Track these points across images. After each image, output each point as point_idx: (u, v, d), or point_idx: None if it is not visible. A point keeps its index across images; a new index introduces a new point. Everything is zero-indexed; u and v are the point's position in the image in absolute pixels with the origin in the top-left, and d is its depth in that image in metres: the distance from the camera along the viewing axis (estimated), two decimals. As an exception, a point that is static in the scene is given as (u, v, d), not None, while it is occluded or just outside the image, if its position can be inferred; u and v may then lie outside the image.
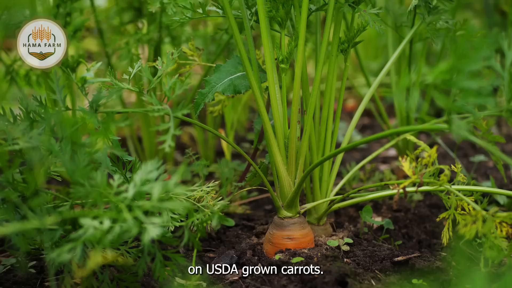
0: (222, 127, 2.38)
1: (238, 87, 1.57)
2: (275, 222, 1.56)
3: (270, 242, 1.56)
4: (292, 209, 1.55)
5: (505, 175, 1.93)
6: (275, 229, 1.56)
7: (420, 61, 2.13)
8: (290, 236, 1.54)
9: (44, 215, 1.23)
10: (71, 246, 1.15)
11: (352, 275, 1.40)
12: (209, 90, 1.57)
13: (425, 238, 1.76)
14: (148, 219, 1.14)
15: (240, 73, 1.60)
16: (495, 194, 1.91)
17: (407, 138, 1.47)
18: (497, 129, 2.82)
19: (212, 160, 2.32)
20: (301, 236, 1.54)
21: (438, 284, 1.46)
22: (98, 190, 1.20)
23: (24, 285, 1.50)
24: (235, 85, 1.57)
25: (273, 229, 1.56)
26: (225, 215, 1.86)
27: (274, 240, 1.55)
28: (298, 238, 1.54)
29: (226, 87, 1.57)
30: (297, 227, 1.55)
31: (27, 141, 1.29)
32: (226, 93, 1.57)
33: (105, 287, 1.38)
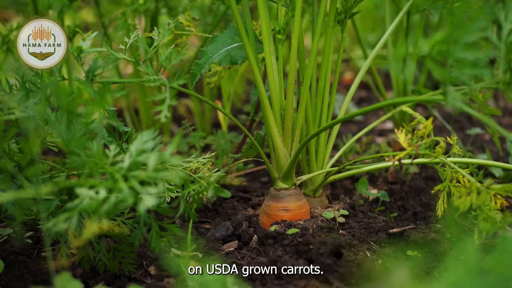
0: (219, 98, 2.38)
1: (235, 58, 1.57)
2: (271, 194, 1.57)
3: (266, 214, 1.56)
4: (288, 181, 1.55)
5: (501, 148, 1.93)
6: (271, 200, 1.56)
7: (418, 33, 2.12)
8: (285, 207, 1.54)
9: (40, 184, 1.24)
10: (67, 216, 1.15)
11: (347, 247, 1.41)
12: (205, 61, 1.57)
13: (421, 210, 1.77)
14: (143, 189, 1.15)
15: (236, 44, 1.59)
16: (491, 167, 1.91)
17: (404, 110, 1.47)
18: (494, 102, 2.82)
19: (209, 132, 2.32)
20: (296, 208, 1.55)
21: (432, 256, 1.46)
22: (94, 160, 1.20)
23: (21, 255, 1.50)
24: (232, 56, 1.57)
25: (269, 200, 1.57)
26: (222, 187, 1.86)
27: (270, 212, 1.55)
28: (293, 210, 1.55)
29: (223, 58, 1.57)
30: (293, 199, 1.55)
31: (23, 110, 1.29)
32: (223, 64, 1.56)
33: (101, 257, 1.39)
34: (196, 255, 1.49)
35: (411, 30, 2.43)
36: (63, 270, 1.37)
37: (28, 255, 1.51)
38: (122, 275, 1.40)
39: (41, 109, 1.27)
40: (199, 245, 1.54)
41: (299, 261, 1.36)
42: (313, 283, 1.33)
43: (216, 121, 2.45)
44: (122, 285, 1.37)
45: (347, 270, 1.35)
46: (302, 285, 1.32)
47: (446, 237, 1.52)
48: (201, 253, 1.50)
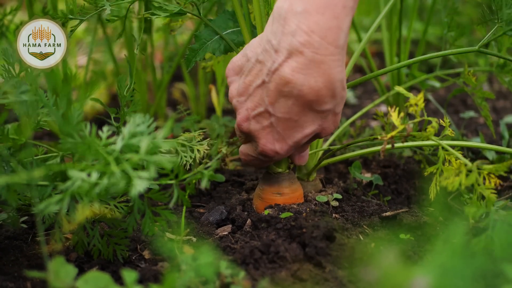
0: (213, 83, 2.38)
1: (229, 44, 1.57)
2: (265, 177, 1.57)
3: (260, 197, 1.56)
4: (282, 164, 1.55)
5: (494, 131, 1.94)
6: (265, 184, 1.56)
7: (412, 16, 2.12)
8: (279, 191, 1.55)
9: (33, 168, 1.24)
10: (59, 198, 1.15)
11: (340, 230, 1.42)
12: (199, 46, 1.56)
13: (414, 193, 1.77)
14: (136, 173, 1.15)
15: (230, 29, 1.59)
16: (484, 150, 1.92)
17: (397, 90, 1.47)
18: (489, 86, 2.83)
19: (204, 116, 2.32)
20: (290, 192, 1.55)
21: (425, 239, 1.47)
22: (87, 142, 1.20)
23: (15, 239, 1.51)
24: (225, 44, 1.57)
25: (263, 184, 1.57)
26: (216, 171, 1.87)
27: (263, 195, 1.56)
28: (287, 194, 1.55)
29: (217, 47, 1.56)
30: (287, 183, 1.55)
31: (17, 96, 1.29)
32: (217, 54, 1.56)
33: (95, 242, 1.39)
34: (190, 239, 1.50)
35: (405, 13, 2.43)
36: (57, 255, 1.37)
37: (23, 240, 1.51)
38: (116, 259, 1.41)
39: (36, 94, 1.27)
40: (193, 229, 1.54)
41: (292, 244, 1.37)
42: (306, 266, 1.34)
43: (211, 105, 2.45)
44: (116, 269, 1.38)
45: (340, 254, 1.36)
46: (295, 268, 1.32)
47: (438, 220, 1.52)
48: (195, 237, 1.51)
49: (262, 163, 1.48)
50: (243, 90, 1.38)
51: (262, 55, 1.33)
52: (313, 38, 1.25)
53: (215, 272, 1.24)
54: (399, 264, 0.96)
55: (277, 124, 1.36)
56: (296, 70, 1.28)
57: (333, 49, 1.26)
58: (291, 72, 1.28)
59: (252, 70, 1.36)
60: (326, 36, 1.25)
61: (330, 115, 1.37)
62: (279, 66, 1.29)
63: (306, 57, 1.26)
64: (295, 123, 1.36)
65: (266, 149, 1.40)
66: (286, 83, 1.30)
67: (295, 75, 1.28)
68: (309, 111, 1.34)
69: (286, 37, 1.27)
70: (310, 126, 1.37)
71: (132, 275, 1.20)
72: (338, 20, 1.24)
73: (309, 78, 1.28)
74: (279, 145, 1.39)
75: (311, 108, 1.33)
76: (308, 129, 1.37)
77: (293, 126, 1.36)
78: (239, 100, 1.40)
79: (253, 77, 1.36)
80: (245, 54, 1.39)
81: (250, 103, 1.38)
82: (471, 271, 0.83)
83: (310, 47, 1.25)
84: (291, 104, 1.32)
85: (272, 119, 1.36)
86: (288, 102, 1.32)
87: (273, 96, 1.33)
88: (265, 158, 1.44)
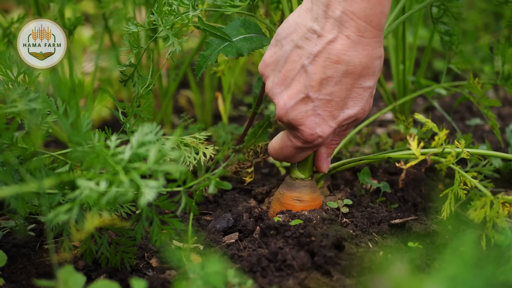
0: (220, 90, 2.39)
1: (241, 50, 1.57)
2: (286, 182, 1.57)
3: (279, 201, 1.56)
4: (305, 171, 1.55)
5: (502, 139, 1.94)
6: (285, 189, 1.56)
7: (418, 23, 2.13)
8: (299, 197, 1.54)
9: (42, 177, 1.24)
10: (68, 207, 1.15)
11: (349, 239, 1.42)
12: (211, 52, 1.57)
13: (421, 201, 1.77)
14: (144, 182, 1.15)
15: (242, 36, 1.60)
16: (491, 157, 1.92)
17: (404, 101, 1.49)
18: (494, 92, 2.83)
19: (209, 123, 2.32)
20: (310, 200, 1.55)
21: (434, 247, 1.47)
22: (95, 151, 1.20)
23: (23, 247, 1.51)
24: (238, 47, 1.57)
25: (283, 188, 1.57)
26: (222, 178, 1.87)
27: (282, 200, 1.55)
28: (307, 201, 1.55)
29: (229, 50, 1.57)
30: (308, 190, 1.55)
31: (26, 104, 1.30)
32: (229, 55, 1.57)
33: (103, 250, 1.40)
34: (197, 247, 1.50)
35: (411, 20, 2.43)
36: (66, 263, 1.38)
37: (31, 248, 1.52)
38: (124, 267, 1.41)
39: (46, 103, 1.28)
40: (200, 237, 1.55)
41: (300, 253, 1.37)
42: (314, 275, 1.34)
43: (217, 112, 2.46)
44: (124, 277, 1.38)
45: (349, 263, 1.36)
46: (302, 277, 1.32)
47: (447, 228, 1.52)
48: (202, 245, 1.51)
49: (300, 152, 1.48)
50: (281, 80, 1.40)
51: (301, 41, 1.36)
52: (359, 23, 1.30)
53: (223, 281, 1.24)
54: (409, 274, 0.97)
55: (319, 107, 1.38)
56: (342, 51, 1.32)
57: (376, 32, 1.33)
58: (336, 53, 1.33)
59: (289, 59, 1.38)
60: (372, 21, 1.31)
61: (369, 95, 1.41)
62: (323, 49, 1.33)
63: (352, 40, 1.32)
64: (337, 104, 1.38)
65: (308, 134, 1.41)
66: (332, 63, 1.33)
67: (340, 56, 1.33)
68: (353, 89, 1.37)
69: (330, 21, 1.32)
70: (353, 107, 1.40)
71: (141, 283, 1.20)
72: (382, 5, 1.31)
73: (354, 59, 1.33)
74: (320, 129, 1.40)
75: (355, 85, 1.37)
76: (351, 109, 1.40)
77: (336, 107, 1.38)
78: (276, 92, 1.41)
79: (292, 65, 1.38)
80: (277, 46, 1.41)
81: (289, 91, 1.39)
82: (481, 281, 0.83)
83: (356, 31, 1.31)
84: (335, 84, 1.35)
85: (314, 103, 1.37)
86: (331, 82, 1.35)
87: (316, 78, 1.35)
88: (307, 145, 1.44)
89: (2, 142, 1.29)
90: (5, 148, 1.30)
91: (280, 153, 1.50)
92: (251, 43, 1.58)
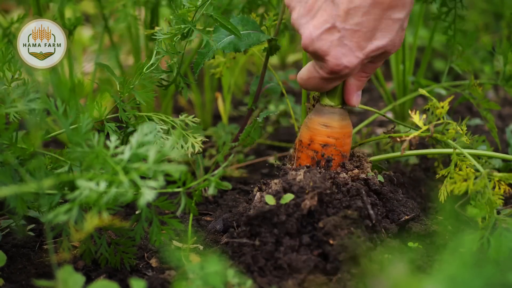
0: (219, 90, 2.39)
1: (238, 46, 1.57)
2: (316, 108, 1.55)
3: (306, 126, 1.55)
4: (334, 99, 1.53)
5: (500, 139, 1.94)
6: (314, 114, 1.55)
7: (418, 23, 2.12)
8: (327, 123, 1.53)
9: (41, 177, 1.24)
10: (68, 207, 1.15)
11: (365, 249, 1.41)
12: (208, 49, 1.57)
13: (420, 201, 1.77)
14: (144, 182, 1.15)
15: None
16: (490, 158, 1.92)
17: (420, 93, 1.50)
18: (495, 93, 2.83)
19: (209, 123, 2.32)
20: (338, 127, 1.53)
21: (434, 248, 1.47)
22: (95, 151, 1.20)
23: (23, 247, 1.51)
24: (235, 43, 1.57)
25: (312, 114, 1.55)
26: (222, 178, 1.87)
27: (310, 124, 1.54)
28: (335, 127, 1.53)
29: (226, 45, 1.57)
30: (337, 117, 1.53)
31: (25, 104, 1.30)
32: (226, 51, 1.57)
33: (103, 250, 1.40)
34: (197, 248, 1.50)
35: (411, 20, 2.43)
36: (65, 263, 1.37)
37: (30, 248, 1.52)
38: (123, 268, 1.41)
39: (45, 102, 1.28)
40: (199, 237, 1.55)
41: (298, 251, 1.37)
42: (314, 275, 1.34)
43: (217, 112, 2.46)
44: (123, 277, 1.38)
45: (350, 263, 1.36)
46: (302, 277, 1.32)
47: (447, 229, 1.52)
48: (202, 246, 1.51)
49: (327, 83, 1.46)
50: (307, 11, 1.38)
51: None
52: None
53: (223, 281, 1.24)
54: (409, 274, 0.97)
55: (346, 37, 1.36)
56: None
57: None
58: None
59: None
60: None
61: (399, 28, 1.38)
62: None
63: None
64: (365, 34, 1.36)
65: (333, 64, 1.39)
66: None
67: None
68: (381, 20, 1.35)
69: None
70: (382, 38, 1.38)
71: (140, 284, 1.20)
72: None
73: None
74: (347, 59, 1.38)
75: (384, 17, 1.35)
76: (380, 41, 1.38)
77: (364, 38, 1.37)
78: (302, 22, 1.40)
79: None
80: None
81: (315, 21, 1.38)
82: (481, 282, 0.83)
83: None
84: (362, 14, 1.34)
85: (341, 33, 1.36)
86: (359, 12, 1.33)
87: (343, 8, 1.34)
88: (333, 75, 1.42)
89: (2, 142, 1.29)
90: (5, 148, 1.30)
91: (308, 83, 1.48)
92: (249, 39, 1.58)
